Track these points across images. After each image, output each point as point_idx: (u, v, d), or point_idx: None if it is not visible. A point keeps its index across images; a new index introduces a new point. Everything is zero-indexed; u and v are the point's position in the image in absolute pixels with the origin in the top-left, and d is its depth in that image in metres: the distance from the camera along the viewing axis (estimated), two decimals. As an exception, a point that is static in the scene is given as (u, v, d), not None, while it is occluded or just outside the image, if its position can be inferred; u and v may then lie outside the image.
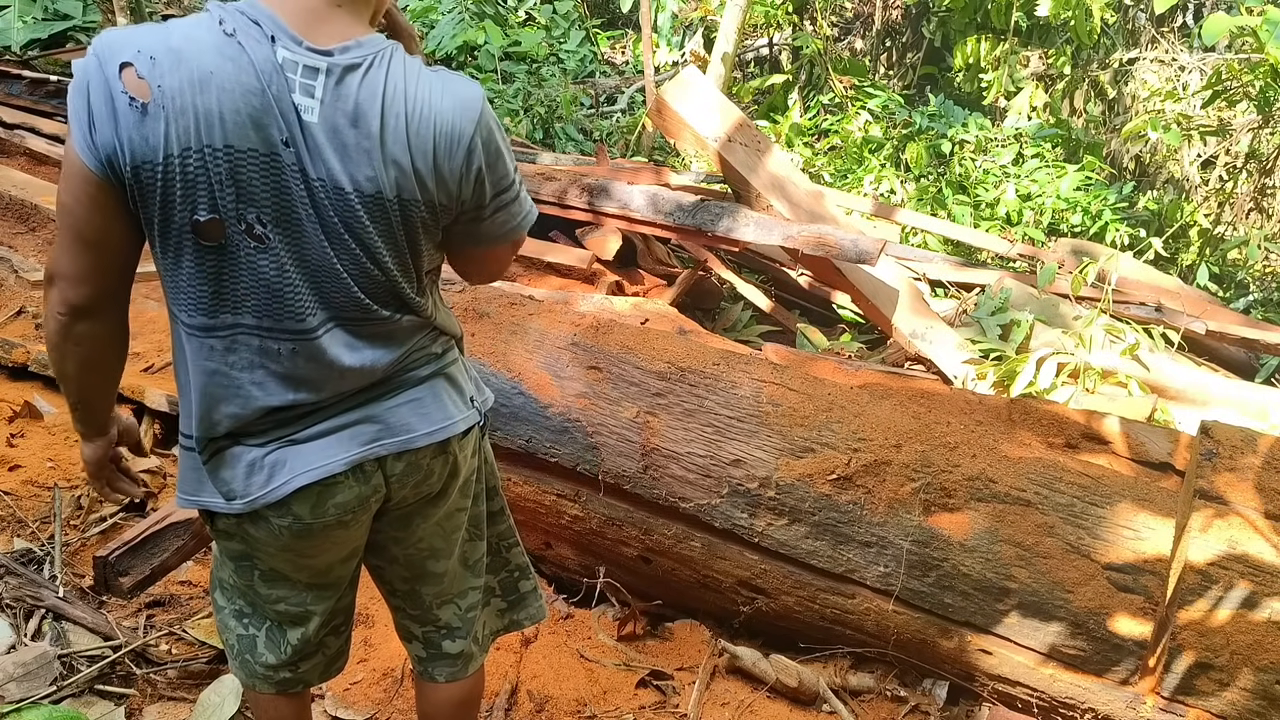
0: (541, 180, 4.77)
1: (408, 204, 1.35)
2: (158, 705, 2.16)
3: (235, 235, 1.28)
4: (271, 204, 1.28)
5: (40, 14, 7.48)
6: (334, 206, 1.31)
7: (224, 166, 1.24)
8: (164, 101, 1.20)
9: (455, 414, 1.52)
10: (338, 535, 1.49)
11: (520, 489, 2.55)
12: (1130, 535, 2.05)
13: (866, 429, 2.29)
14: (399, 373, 1.47)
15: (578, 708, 2.26)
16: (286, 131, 1.26)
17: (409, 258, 1.41)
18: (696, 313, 4.83)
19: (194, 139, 1.22)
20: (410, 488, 1.51)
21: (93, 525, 2.71)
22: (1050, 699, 2.13)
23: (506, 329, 2.60)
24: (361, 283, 1.37)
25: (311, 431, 1.41)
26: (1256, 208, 7.90)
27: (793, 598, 2.32)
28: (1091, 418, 2.49)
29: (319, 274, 1.35)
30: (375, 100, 1.30)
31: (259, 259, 1.30)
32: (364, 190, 1.31)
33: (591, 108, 8.82)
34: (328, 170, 1.29)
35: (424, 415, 1.48)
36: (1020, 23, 8.10)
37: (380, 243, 1.36)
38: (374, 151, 1.30)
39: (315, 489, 1.41)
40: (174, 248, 1.29)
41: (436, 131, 1.34)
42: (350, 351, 1.40)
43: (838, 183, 7.47)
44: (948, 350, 4.07)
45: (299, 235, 1.31)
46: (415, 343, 1.48)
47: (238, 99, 1.22)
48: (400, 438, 1.45)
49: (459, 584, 1.70)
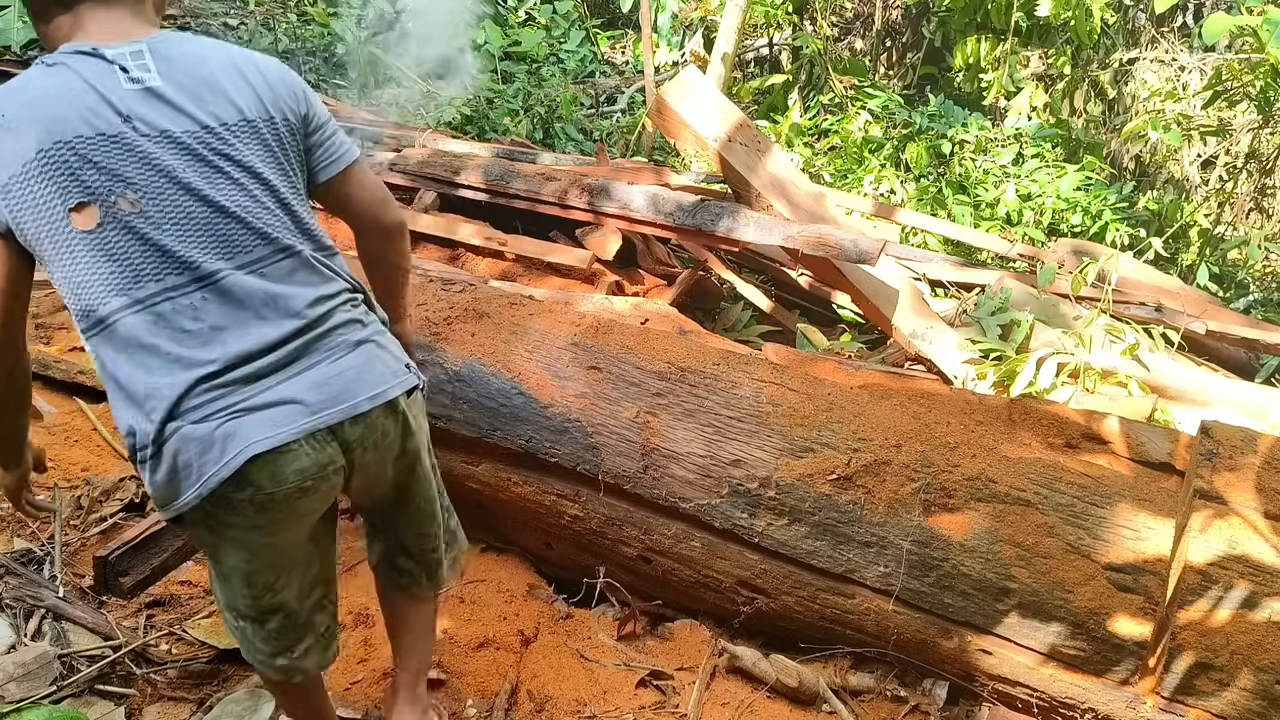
0: (542, 180, 4.77)
1: (270, 121, 1.58)
2: (158, 705, 2.16)
3: (110, 212, 1.44)
4: (136, 172, 1.45)
5: (40, 14, 7.48)
6: (207, 146, 1.50)
7: (78, 155, 1.43)
8: (10, 124, 1.41)
9: (394, 377, 1.65)
10: (301, 505, 1.56)
11: (520, 489, 2.55)
12: (1130, 535, 2.05)
13: (866, 429, 2.29)
14: (327, 334, 1.58)
15: (578, 708, 2.26)
16: (125, 111, 1.46)
17: (292, 174, 1.61)
18: (696, 313, 4.83)
19: (47, 140, 1.41)
20: (371, 451, 1.62)
21: (93, 525, 2.71)
22: (1050, 699, 2.13)
23: (506, 329, 2.60)
24: (254, 210, 1.54)
25: (258, 401, 1.48)
26: (1256, 208, 7.90)
27: (793, 598, 2.32)
28: (1091, 418, 2.49)
29: (206, 219, 1.50)
30: (204, 54, 1.56)
31: (138, 223, 1.45)
32: (228, 120, 1.53)
33: (591, 108, 8.82)
34: (191, 117, 1.50)
35: (365, 379, 1.59)
36: (1020, 23, 8.10)
37: (261, 164, 1.55)
38: (222, 87, 1.54)
39: (271, 457, 1.47)
40: (66, 249, 1.45)
41: (261, 65, 1.62)
42: (261, 288, 1.52)
43: (838, 183, 7.47)
44: (948, 350, 4.07)
45: (174, 188, 1.47)
46: (329, 293, 1.61)
47: (72, 100, 1.44)
48: (348, 403, 1.55)
49: (431, 511, 1.88)
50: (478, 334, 2.60)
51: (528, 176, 4.84)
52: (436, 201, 5.15)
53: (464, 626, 2.47)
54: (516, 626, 2.48)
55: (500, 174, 4.90)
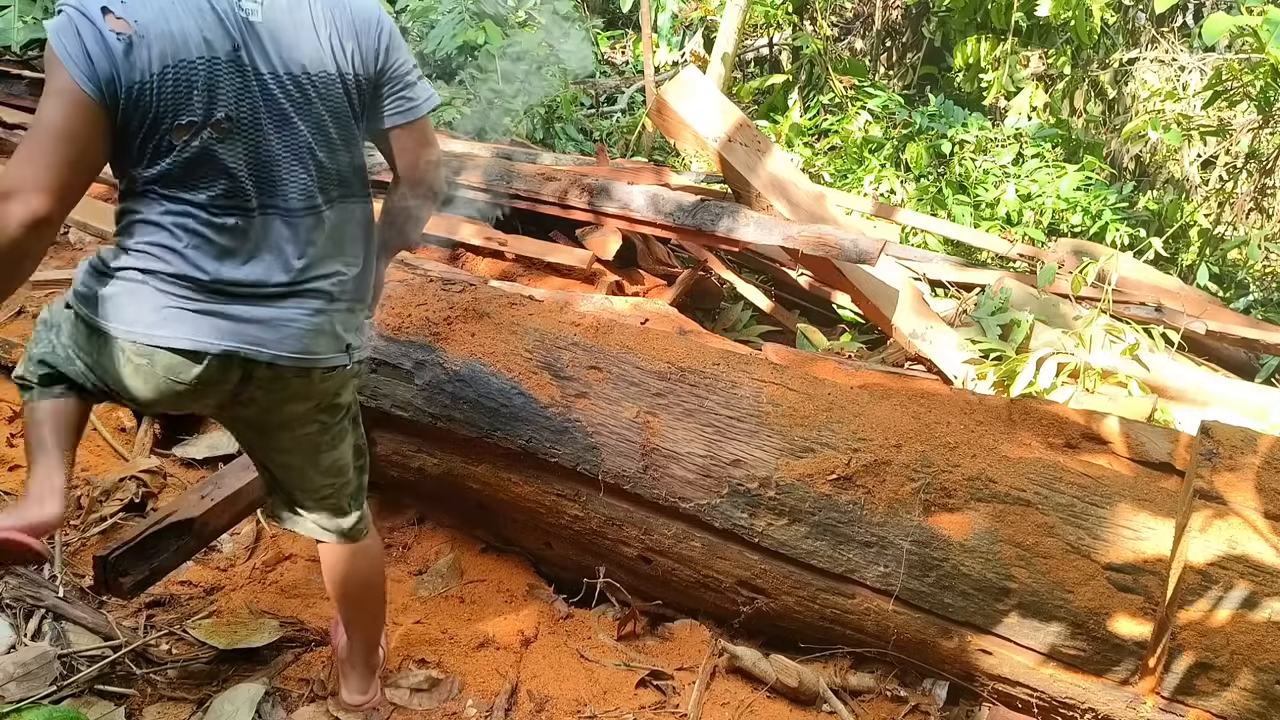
0: (542, 180, 4.77)
1: (345, 77, 1.69)
2: (158, 705, 2.16)
3: (199, 133, 1.56)
4: (234, 99, 1.58)
5: (40, 14, 7.47)
6: (284, 94, 1.63)
7: (197, 74, 1.54)
8: (143, 32, 1.50)
9: (326, 351, 1.78)
10: (167, 395, 1.72)
11: (520, 489, 2.55)
12: (1130, 535, 2.05)
13: (866, 429, 2.29)
14: (301, 295, 1.73)
15: (578, 708, 2.26)
16: (238, 38, 1.57)
17: (355, 127, 1.74)
18: (696, 313, 4.82)
19: (170, 57, 1.51)
20: (265, 394, 1.77)
21: (93, 525, 2.71)
22: (1050, 699, 2.13)
23: (506, 329, 2.60)
24: (306, 164, 1.68)
25: (204, 308, 1.66)
26: (1256, 208, 7.90)
27: (793, 598, 2.32)
28: (1091, 418, 2.49)
29: (265, 158, 1.64)
30: (303, 1, 1.65)
31: (217, 147, 1.59)
32: (310, 71, 1.65)
33: (591, 108, 8.82)
34: (280, 61, 1.62)
35: (299, 342, 1.74)
36: (1020, 23, 8.10)
37: (329, 118, 1.69)
38: (314, 34, 1.64)
39: (183, 354, 1.65)
40: (152, 152, 1.57)
41: (355, 15, 1.70)
42: (278, 235, 1.68)
43: (838, 183, 7.47)
44: (948, 350, 4.07)
45: (252, 124, 1.61)
46: (330, 264, 1.76)
47: (195, 18, 1.54)
48: (273, 351, 1.71)
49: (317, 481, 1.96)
50: (478, 334, 2.60)
51: (528, 176, 4.84)
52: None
53: (464, 626, 2.47)
54: (516, 626, 2.49)
55: (500, 174, 4.90)
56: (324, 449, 1.92)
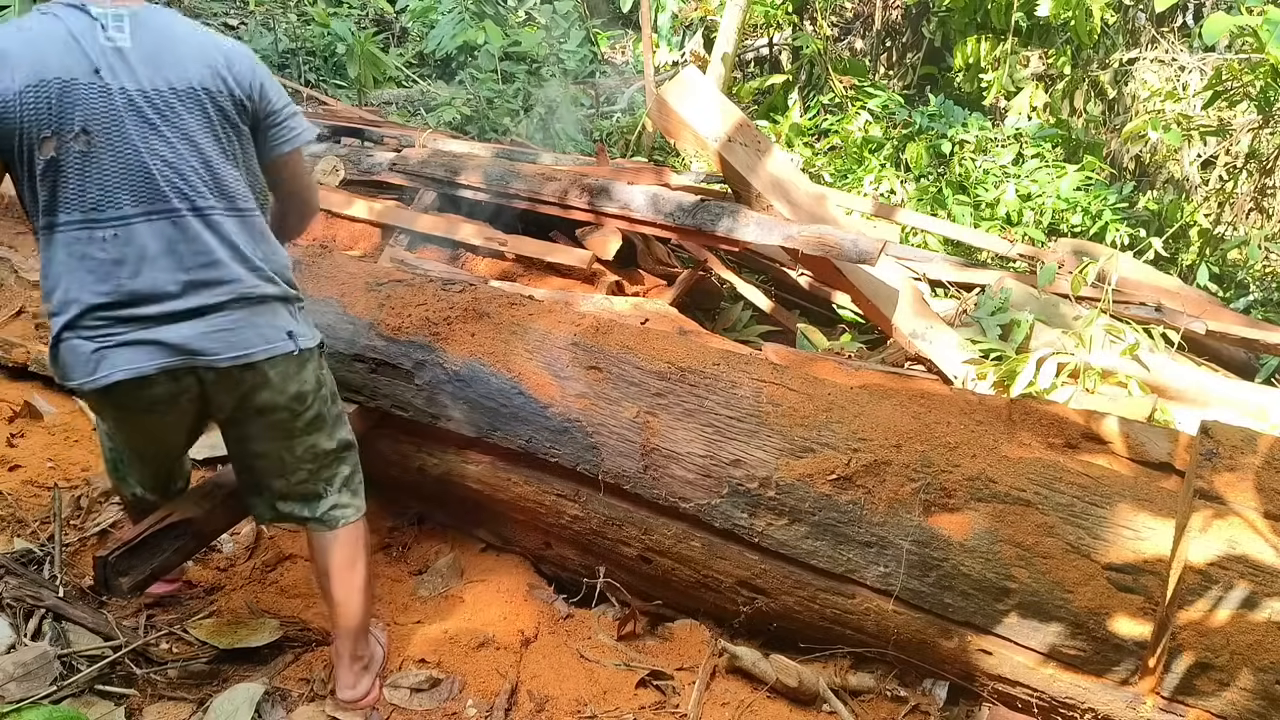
0: (542, 180, 4.77)
1: (214, 94, 1.86)
2: (158, 705, 2.16)
3: (64, 146, 1.74)
4: (92, 116, 1.74)
5: (40, 14, 7.46)
6: (151, 107, 1.79)
7: (52, 92, 1.71)
8: (7, 56, 1.70)
9: (264, 342, 1.91)
10: (153, 417, 1.94)
11: (520, 489, 2.55)
12: (1130, 535, 2.05)
13: (866, 429, 2.29)
14: (213, 291, 1.86)
15: (578, 708, 2.26)
16: (98, 62, 1.75)
17: (227, 142, 1.90)
18: (696, 313, 4.82)
19: (31, 78, 1.70)
20: (228, 395, 1.93)
21: (93, 525, 2.71)
22: (1050, 699, 2.13)
23: (506, 329, 2.60)
24: (176, 167, 1.82)
25: (131, 338, 1.81)
26: (1256, 208, 7.90)
27: (793, 598, 2.32)
28: (1091, 418, 2.49)
29: (134, 167, 1.79)
30: (177, 30, 1.86)
31: (83, 161, 1.75)
32: (178, 87, 1.82)
33: (591, 108, 8.82)
34: (147, 79, 1.79)
35: (232, 341, 1.87)
36: (1020, 23, 8.10)
37: (196, 129, 1.84)
38: (181, 58, 1.83)
39: (132, 382, 1.82)
40: (28, 176, 1.77)
41: (226, 49, 1.91)
42: (164, 238, 1.82)
43: (838, 183, 7.47)
44: (948, 350, 4.07)
45: (118, 136, 1.77)
46: (227, 254, 1.88)
47: (57, 45, 1.73)
48: (208, 357, 1.85)
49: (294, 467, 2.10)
50: (478, 334, 2.60)
51: (528, 176, 4.84)
52: (436, 201, 5.14)
53: (464, 626, 2.47)
54: (516, 626, 2.48)
55: (500, 174, 4.90)
56: (297, 434, 2.05)
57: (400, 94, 9.19)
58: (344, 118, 6.54)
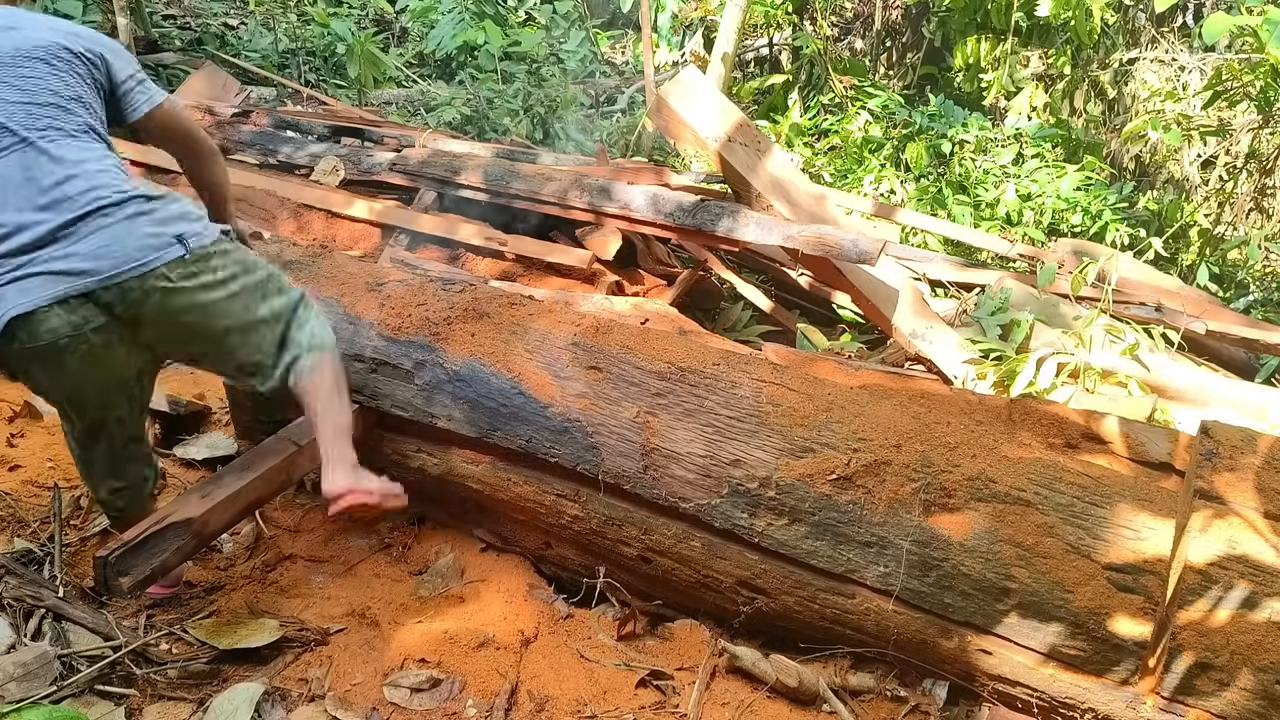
0: (542, 180, 4.77)
1: (58, 51, 2.06)
2: (158, 705, 2.15)
3: None
4: None
5: (40, 13, 7.47)
6: (14, 63, 2.00)
7: None
8: None
9: (153, 251, 1.97)
10: (69, 354, 1.95)
11: (520, 489, 2.55)
12: (1130, 535, 2.05)
13: (866, 429, 2.29)
14: (93, 213, 1.94)
15: (578, 708, 2.26)
16: None
17: (76, 88, 2.06)
18: (696, 313, 4.83)
19: None
20: (138, 309, 1.98)
21: (93, 525, 2.71)
22: (1050, 699, 2.13)
23: (506, 329, 2.60)
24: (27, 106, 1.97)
25: (17, 274, 1.86)
26: (1256, 208, 7.90)
27: (793, 598, 2.32)
28: (1091, 418, 2.49)
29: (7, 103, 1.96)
30: (30, 15, 2.14)
31: None
32: (23, 48, 2.02)
33: (591, 108, 8.82)
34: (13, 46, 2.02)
35: (118, 253, 1.93)
36: (1020, 23, 8.11)
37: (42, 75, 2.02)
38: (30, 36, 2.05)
39: (26, 318, 1.86)
40: None
41: (74, 26, 2.16)
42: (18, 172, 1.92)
43: (838, 183, 7.47)
44: (948, 350, 4.07)
45: None
46: (81, 173, 1.98)
47: None
48: (97, 276, 1.90)
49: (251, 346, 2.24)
50: (478, 334, 2.60)
51: (528, 176, 4.84)
52: (436, 201, 5.14)
53: (464, 626, 2.47)
54: (516, 626, 2.48)
55: (500, 174, 4.90)
56: (234, 319, 2.16)
57: (400, 94, 9.19)
58: (344, 118, 6.54)
